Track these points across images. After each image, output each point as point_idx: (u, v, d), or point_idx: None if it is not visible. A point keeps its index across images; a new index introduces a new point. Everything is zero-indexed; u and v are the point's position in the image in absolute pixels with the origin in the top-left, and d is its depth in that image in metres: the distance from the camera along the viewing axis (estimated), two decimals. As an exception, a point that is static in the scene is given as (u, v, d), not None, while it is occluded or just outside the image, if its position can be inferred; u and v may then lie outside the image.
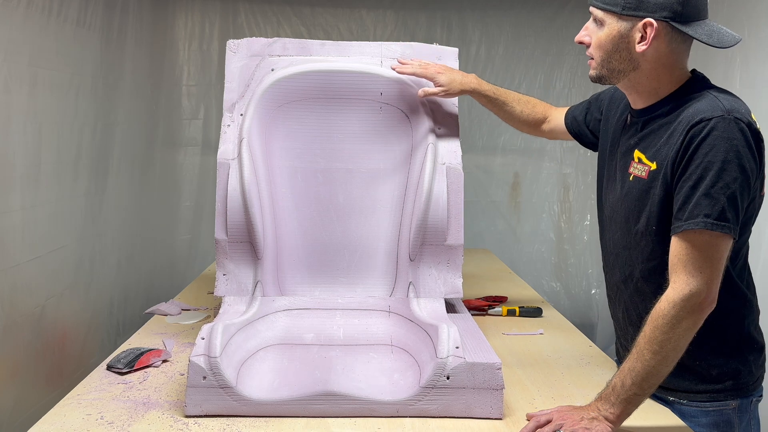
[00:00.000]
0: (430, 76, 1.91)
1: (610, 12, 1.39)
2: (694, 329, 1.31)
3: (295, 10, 3.89)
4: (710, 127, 1.31)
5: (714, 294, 1.31)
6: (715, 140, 1.30)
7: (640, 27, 1.37)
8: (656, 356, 1.30)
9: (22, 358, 2.28)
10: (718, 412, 1.47)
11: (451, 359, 1.43)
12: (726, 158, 1.29)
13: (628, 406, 1.33)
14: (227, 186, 1.79)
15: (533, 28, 3.95)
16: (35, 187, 2.37)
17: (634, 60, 1.41)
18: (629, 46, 1.39)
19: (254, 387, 1.44)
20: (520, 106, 1.95)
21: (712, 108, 1.33)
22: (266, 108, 1.92)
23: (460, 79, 1.92)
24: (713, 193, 1.29)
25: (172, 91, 3.88)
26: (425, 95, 1.91)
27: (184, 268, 3.89)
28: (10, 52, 2.17)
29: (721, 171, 1.29)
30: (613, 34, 1.40)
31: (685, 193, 1.33)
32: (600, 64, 1.45)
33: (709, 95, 1.37)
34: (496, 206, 4.09)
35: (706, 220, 1.29)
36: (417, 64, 1.93)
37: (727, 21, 2.57)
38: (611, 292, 1.64)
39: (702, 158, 1.31)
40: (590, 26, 1.46)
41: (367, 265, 1.89)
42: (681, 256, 1.32)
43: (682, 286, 1.30)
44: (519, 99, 1.96)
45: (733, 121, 1.31)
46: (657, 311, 1.32)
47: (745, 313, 1.48)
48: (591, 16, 1.45)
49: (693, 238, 1.31)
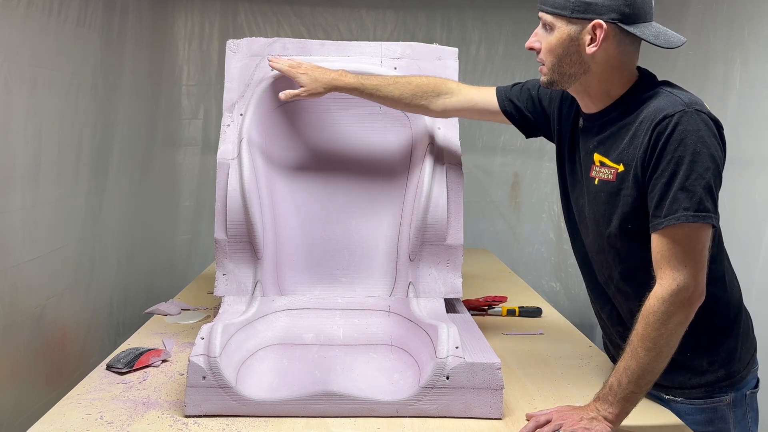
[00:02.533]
0: (292, 75, 1.84)
1: (560, 16, 1.42)
2: (686, 323, 1.32)
3: (295, 10, 3.89)
4: (675, 121, 1.33)
5: (702, 286, 1.32)
6: (681, 134, 1.32)
7: (589, 29, 1.39)
8: (650, 353, 1.31)
9: (22, 358, 2.28)
10: (713, 409, 1.48)
11: (451, 359, 1.43)
12: (695, 150, 1.31)
13: (627, 405, 1.34)
14: (227, 186, 1.79)
15: (533, 28, 3.93)
16: (35, 187, 2.37)
17: (584, 63, 1.42)
18: (579, 49, 1.41)
19: (254, 387, 1.44)
20: (398, 89, 1.82)
21: (672, 103, 1.35)
22: (266, 108, 1.92)
23: (322, 77, 1.83)
24: (688, 186, 1.31)
25: (172, 91, 3.87)
26: (286, 98, 1.84)
27: (184, 268, 3.89)
28: (10, 52, 2.17)
29: (693, 163, 1.31)
30: (563, 37, 1.42)
31: (660, 190, 1.34)
32: (551, 68, 1.46)
33: (665, 92, 1.40)
34: (495, 206, 4.09)
35: (687, 214, 1.30)
36: (286, 62, 1.87)
37: (727, 21, 2.57)
38: (592, 295, 1.66)
39: (672, 153, 1.32)
40: (539, 32, 1.48)
41: (366, 265, 1.89)
42: (664, 253, 1.33)
43: (669, 282, 1.31)
44: (394, 81, 1.83)
45: (695, 113, 1.33)
46: (647, 308, 1.32)
47: (727, 298, 1.48)
48: (540, 22, 1.48)
49: (674, 232, 1.32)
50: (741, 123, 2.38)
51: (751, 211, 2.32)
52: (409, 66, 1.99)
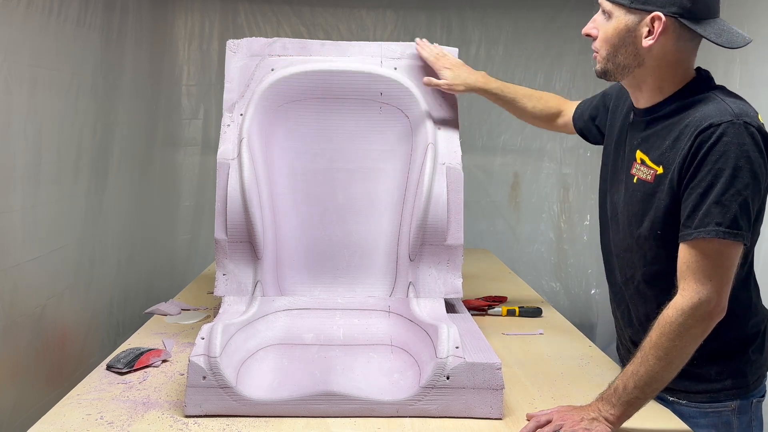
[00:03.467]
0: (437, 68, 1.93)
1: (619, 5, 1.38)
2: (702, 337, 1.30)
3: (295, 10, 3.89)
4: (720, 132, 1.28)
5: (724, 302, 1.29)
6: (725, 146, 1.28)
7: (647, 21, 1.35)
8: (660, 362, 1.29)
9: (22, 358, 2.28)
10: (717, 414, 1.47)
11: (451, 359, 1.43)
12: (737, 164, 1.27)
13: (629, 409, 1.33)
14: (227, 186, 1.79)
15: (533, 28, 3.95)
16: (35, 187, 2.37)
17: (639, 55, 1.39)
18: (636, 41, 1.37)
19: (254, 387, 1.44)
20: (532, 102, 1.93)
21: (721, 112, 1.31)
22: (266, 108, 1.92)
23: (466, 77, 1.93)
24: (724, 201, 1.27)
25: (172, 91, 3.87)
26: (428, 84, 1.94)
27: (184, 268, 3.89)
28: (10, 52, 2.17)
29: (733, 178, 1.27)
30: (621, 27, 1.38)
31: (694, 200, 1.30)
32: (606, 58, 1.43)
33: (716, 98, 1.35)
34: (496, 206, 4.09)
35: (718, 229, 1.27)
36: (433, 51, 1.96)
37: (727, 21, 2.56)
38: (612, 292, 1.63)
39: (712, 165, 1.28)
40: (598, 18, 1.44)
41: (367, 265, 1.89)
42: (690, 264, 1.30)
43: (691, 294, 1.28)
44: (530, 95, 1.95)
45: (743, 125, 1.28)
46: (665, 318, 1.30)
47: (749, 316, 1.46)
48: (599, 8, 1.43)
49: (703, 246, 1.29)
50: (741, 123, 2.37)
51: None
52: (409, 66, 1.99)
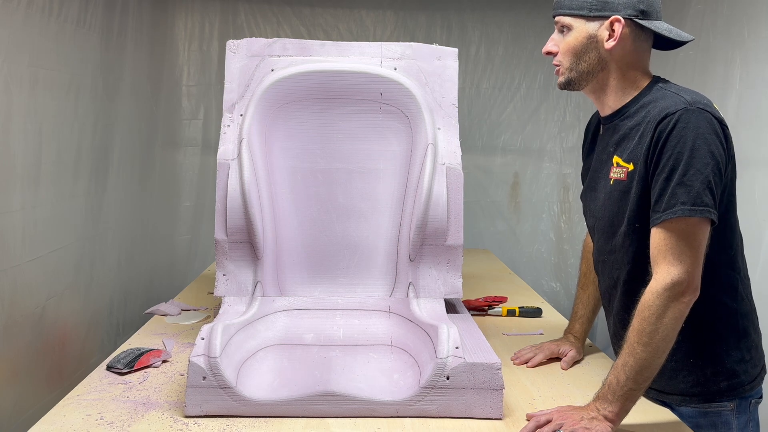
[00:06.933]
0: None
1: (578, 16, 1.47)
2: (681, 318, 1.32)
3: (295, 11, 3.90)
4: (675, 119, 1.35)
5: (696, 281, 1.32)
6: (681, 131, 1.34)
7: (607, 25, 1.45)
8: (647, 348, 1.31)
9: (22, 358, 2.28)
10: (716, 413, 1.47)
11: (451, 359, 1.43)
12: (694, 145, 1.33)
13: (626, 403, 1.34)
14: (227, 186, 1.79)
15: (533, 28, 3.95)
16: (35, 187, 2.37)
17: (602, 59, 1.47)
18: (598, 45, 1.46)
19: (254, 387, 1.44)
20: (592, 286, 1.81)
21: (675, 102, 1.38)
22: (266, 108, 1.92)
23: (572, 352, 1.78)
24: (686, 181, 1.32)
25: (171, 91, 3.88)
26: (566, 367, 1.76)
27: (184, 268, 3.89)
28: (10, 52, 2.17)
29: (691, 158, 1.33)
30: (582, 35, 1.47)
31: (660, 186, 1.36)
32: (569, 68, 1.50)
33: (670, 92, 1.43)
34: (496, 206, 4.09)
35: (683, 208, 1.31)
36: None
37: (727, 21, 2.57)
38: (604, 299, 1.66)
39: (671, 150, 1.35)
40: (555, 37, 1.53)
41: (367, 265, 1.89)
42: (661, 247, 1.34)
43: (663, 276, 1.32)
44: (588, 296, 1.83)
45: (697, 110, 1.35)
46: (642, 303, 1.33)
47: (737, 308, 1.48)
48: (555, 28, 1.52)
49: (671, 227, 1.33)
50: (741, 123, 2.37)
51: (751, 211, 2.32)
52: (409, 66, 1.99)
